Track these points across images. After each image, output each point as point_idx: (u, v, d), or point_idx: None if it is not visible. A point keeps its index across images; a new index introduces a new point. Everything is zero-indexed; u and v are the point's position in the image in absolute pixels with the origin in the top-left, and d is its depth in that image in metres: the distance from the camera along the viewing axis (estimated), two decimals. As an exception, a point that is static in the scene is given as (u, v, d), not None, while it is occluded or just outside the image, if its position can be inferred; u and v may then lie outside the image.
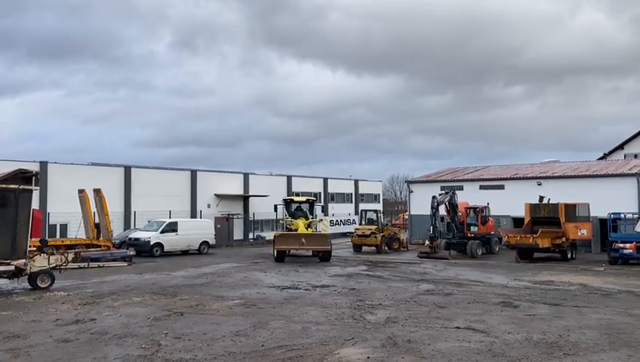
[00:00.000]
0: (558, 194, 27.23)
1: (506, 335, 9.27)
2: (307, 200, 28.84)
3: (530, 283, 16.59)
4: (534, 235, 23.73)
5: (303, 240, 23.35)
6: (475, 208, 28.57)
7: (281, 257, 24.16)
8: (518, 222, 29.09)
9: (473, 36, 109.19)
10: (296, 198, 28.93)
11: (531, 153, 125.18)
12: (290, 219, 27.09)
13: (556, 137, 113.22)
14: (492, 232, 28.79)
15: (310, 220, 27.05)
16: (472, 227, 28.04)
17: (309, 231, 25.79)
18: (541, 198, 26.67)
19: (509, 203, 30.54)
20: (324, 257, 24.15)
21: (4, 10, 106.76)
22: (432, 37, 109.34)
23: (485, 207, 28.75)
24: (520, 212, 26.91)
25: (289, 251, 25.09)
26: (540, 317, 10.94)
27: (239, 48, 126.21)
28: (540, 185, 31.36)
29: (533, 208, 25.83)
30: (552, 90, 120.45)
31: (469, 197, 30.81)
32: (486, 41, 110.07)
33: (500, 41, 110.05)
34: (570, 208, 25.12)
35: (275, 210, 29.29)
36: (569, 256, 24.60)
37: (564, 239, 24.29)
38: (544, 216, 25.18)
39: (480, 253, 26.82)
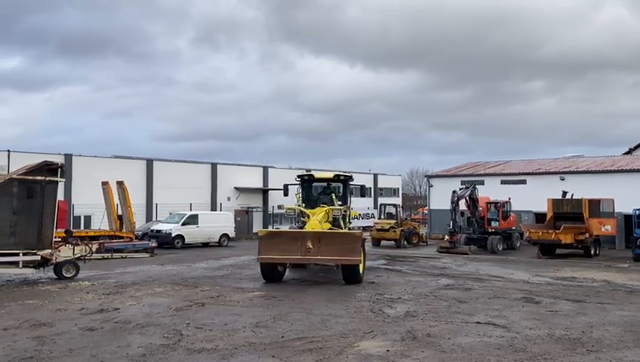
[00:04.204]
0: (581, 189, 26.75)
1: (528, 330, 9.17)
2: (336, 176, 18.20)
3: (552, 279, 16.37)
4: (557, 231, 23.37)
5: (310, 245, 13.51)
6: (496, 203, 28.26)
7: (270, 274, 14.79)
8: (540, 217, 28.70)
9: (493, 30, 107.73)
10: (318, 175, 18.54)
11: (551, 148, 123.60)
12: (300, 206, 17.32)
13: (577, 132, 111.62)
14: (513, 228, 28.46)
15: (333, 207, 16.43)
16: (492, 222, 27.75)
17: (324, 226, 15.19)
18: (564, 193, 26.24)
19: (531, 198, 30.14)
20: (351, 275, 14.44)
21: (35, 7, 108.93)
22: (451, 31, 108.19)
23: (506, 202, 28.41)
24: (542, 207, 26.54)
25: (289, 265, 15.79)
26: (563, 314, 10.80)
27: (259, 44, 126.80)
28: (563, 180, 30.88)
29: (555, 203, 25.43)
30: (573, 84, 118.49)
31: (489, 192, 30.49)
32: (506, 36, 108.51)
33: (520, 35, 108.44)
34: (594, 204, 24.67)
35: (286, 193, 18.63)
36: (592, 252, 24.18)
37: (587, 235, 23.88)
38: (567, 212, 24.78)
39: (501, 249, 26.54)
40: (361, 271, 14.74)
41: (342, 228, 16.11)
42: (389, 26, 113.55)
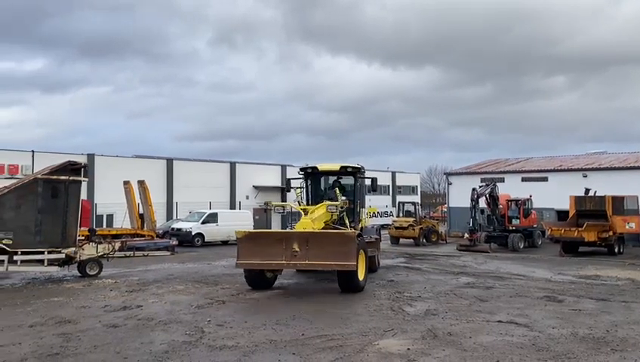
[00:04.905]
0: (604, 186, 26.30)
1: (551, 329, 9.05)
2: (342, 168, 15.80)
3: (575, 278, 16.13)
4: (579, 228, 23.02)
5: (296, 248, 11.87)
6: (516, 200, 27.95)
7: (256, 281, 13.05)
8: (562, 215, 28.30)
9: (512, 26, 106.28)
10: (322, 166, 16.09)
11: (573, 145, 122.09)
12: (302, 203, 15.48)
13: (599, 128, 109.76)
14: (534, 225, 28.10)
15: (328, 203, 14.15)
16: (513, 220, 27.45)
17: (316, 225, 13.04)
18: (587, 191, 25.83)
19: (553, 195, 29.76)
20: (346, 282, 12.51)
21: (56, 10, 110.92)
22: (469, 27, 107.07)
23: (527, 200, 28.07)
24: (564, 205, 26.16)
25: (280, 272, 13.37)
26: (586, 312, 10.63)
27: (276, 44, 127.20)
28: (586, 177, 30.37)
29: (578, 201, 25.04)
30: (595, 80, 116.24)
31: (510, 189, 30.14)
32: (525, 31, 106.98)
33: (539, 30, 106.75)
34: (618, 201, 24.22)
35: (288, 189, 17.09)
36: (616, 250, 23.77)
37: (611, 233, 23.48)
38: (590, 209, 24.38)
39: (522, 247, 26.26)
40: (361, 278, 12.69)
41: (347, 227, 14.11)
42: (407, 23, 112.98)
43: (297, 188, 16.05)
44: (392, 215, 41.09)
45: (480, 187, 27.28)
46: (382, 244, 19.83)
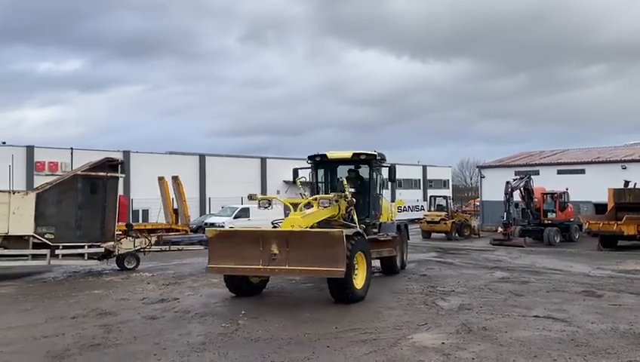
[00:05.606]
0: (645, 178, 25.48)
1: (590, 325, 8.84)
2: (355, 155, 13.71)
3: (614, 272, 15.70)
4: (619, 222, 22.39)
5: (274, 250, 10.10)
6: (552, 194, 27.36)
7: (237, 287, 11.34)
8: (600, 208, 27.62)
9: (545, 15, 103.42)
10: (331, 154, 14.06)
11: (611, 136, 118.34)
12: (301, 195, 13.74)
13: (638, 118, 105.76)
14: (571, 219, 27.47)
15: (321, 196, 12.50)
16: (549, 213, 26.92)
17: (305, 222, 11.10)
18: (626, 183, 25.09)
19: (591, 188, 29.00)
20: (337, 290, 10.43)
21: (92, 11, 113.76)
22: (502, 17, 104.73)
23: (564, 193, 27.44)
24: (603, 198, 25.48)
25: (265, 278, 11.82)
26: (627, 307, 10.34)
27: (305, 39, 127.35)
28: (625, 168, 29.51)
29: (617, 193, 24.33)
30: (633, 68, 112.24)
31: (545, 182, 29.52)
32: (561, 20, 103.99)
33: (576, 19, 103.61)
34: (660, 193, 23.45)
35: (294, 180, 14.15)
36: (657, 244, 23.04)
37: (651, 226, 22.76)
38: (630, 202, 23.68)
39: (558, 241, 25.72)
40: (359, 286, 10.78)
41: (355, 224, 12.27)
42: (436, 14, 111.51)
43: (299, 178, 14.09)
44: (424, 209, 40.75)
45: (514, 180, 26.80)
46: (413, 239, 19.09)
